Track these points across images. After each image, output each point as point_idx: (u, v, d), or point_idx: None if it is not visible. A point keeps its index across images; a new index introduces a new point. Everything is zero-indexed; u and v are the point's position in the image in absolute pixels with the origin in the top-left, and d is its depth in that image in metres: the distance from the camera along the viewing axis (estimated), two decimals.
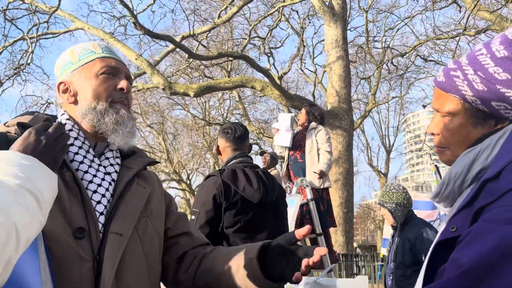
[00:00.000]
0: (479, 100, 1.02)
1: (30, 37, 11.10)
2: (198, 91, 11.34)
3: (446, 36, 14.50)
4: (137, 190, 1.25)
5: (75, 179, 1.12)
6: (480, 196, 0.93)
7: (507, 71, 0.98)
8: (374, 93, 18.79)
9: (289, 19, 19.38)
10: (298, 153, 4.87)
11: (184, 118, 24.38)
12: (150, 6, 13.72)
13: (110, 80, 1.25)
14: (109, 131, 1.22)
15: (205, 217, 2.28)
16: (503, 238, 0.81)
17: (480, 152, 1.01)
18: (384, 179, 25.71)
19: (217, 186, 2.33)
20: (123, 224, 1.15)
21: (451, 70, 1.08)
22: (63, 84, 1.27)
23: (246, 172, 2.44)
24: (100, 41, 1.34)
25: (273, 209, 2.48)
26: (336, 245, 10.39)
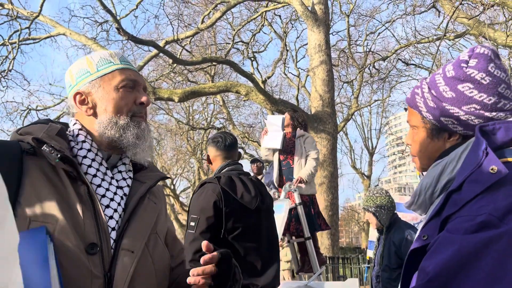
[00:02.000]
0: (431, 115, 1.14)
1: (11, 43, 10.96)
2: (182, 96, 11.33)
3: (427, 40, 14.78)
4: (148, 206, 1.24)
5: (89, 193, 1.10)
6: (447, 206, 1.01)
7: (453, 90, 1.10)
8: (356, 96, 19.00)
9: (272, 23, 19.50)
10: (290, 159, 4.89)
11: (167, 123, 24.24)
12: (133, 11, 13.67)
13: (130, 93, 1.23)
14: (130, 146, 1.21)
15: (206, 223, 2.30)
16: (461, 247, 0.89)
17: (447, 164, 1.11)
18: (367, 181, 25.95)
19: (216, 192, 2.35)
20: (134, 240, 1.14)
21: (415, 88, 1.21)
22: (80, 94, 1.23)
23: (243, 179, 2.49)
24: (117, 50, 1.32)
25: (267, 215, 2.55)
26: (322, 247, 10.46)
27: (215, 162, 2.64)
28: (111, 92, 1.21)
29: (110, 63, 1.25)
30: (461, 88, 1.09)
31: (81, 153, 1.17)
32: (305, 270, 4.42)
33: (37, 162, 1.07)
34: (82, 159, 1.16)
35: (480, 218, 0.90)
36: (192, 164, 26.64)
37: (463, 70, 1.10)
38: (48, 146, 1.06)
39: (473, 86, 1.08)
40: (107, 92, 1.21)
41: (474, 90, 1.07)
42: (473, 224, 0.90)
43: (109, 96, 1.21)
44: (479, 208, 0.92)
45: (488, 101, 1.06)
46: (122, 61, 1.27)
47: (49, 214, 1.01)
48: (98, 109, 1.22)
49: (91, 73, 1.23)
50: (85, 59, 1.26)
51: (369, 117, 27.95)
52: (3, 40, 11.29)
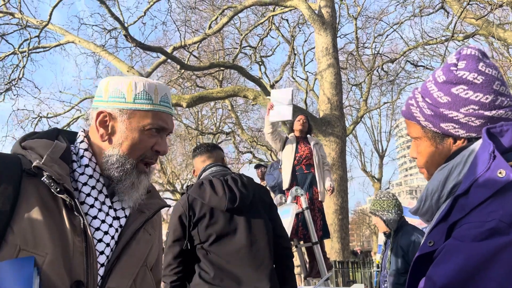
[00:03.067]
0: (430, 123, 1.11)
1: (21, 52, 11.10)
2: (190, 102, 11.37)
3: (435, 41, 14.69)
4: (142, 238, 1.20)
5: (84, 226, 1.06)
6: (453, 212, 0.98)
7: (447, 94, 1.08)
8: (365, 99, 18.91)
9: (279, 27, 19.52)
10: (303, 164, 4.88)
11: (176, 128, 24.33)
12: (141, 18, 13.77)
13: (152, 138, 1.17)
14: (123, 192, 1.16)
15: (173, 237, 2.30)
16: (470, 256, 0.86)
17: (453, 168, 1.07)
18: (378, 184, 25.77)
19: (182, 203, 2.33)
20: (122, 279, 1.11)
21: (409, 99, 1.19)
22: (105, 115, 1.16)
23: (213, 181, 2.39)
24: (163, 85, 1.23)
25: (250, 214, 2.37)
26: (332, 252, 10.40)
27: (198, 171, 2.62)
28: (135, 131, 1.15)
29: (149, 100, 1.17)
30: (455, 91, 1.07)
31: (82, 179, 1.13)
32: (313, 275, 4.39)
33: (36, 184, 1.03)
34: (82, 186, 1.12)
35: (490, 225, 0.86)
36: None
37: (454, 73, 1.08)
38: (48, 177, 1.01)
39: (467, 87, 1.06)
40: (132, 128, 1.15)
41: (469, 91, 1.05)
42: (482, 231, 0.87)
43: (131, 133, 1.15)
44: (487, 214, 0.88)
45: (485, 100, 1.04)
46: (162, 102, 1.19)
47: (40, 244, 0.97)
48: (114, 139, 1.16)
49: (126, 100, 1.16)
50: (128, 83, 1.17)
51: (379, 119, 27.83)
52: (14, 49, 11.45)
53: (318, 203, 4.74)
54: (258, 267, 2.27)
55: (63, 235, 1.01)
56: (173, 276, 2.27)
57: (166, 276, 2.29)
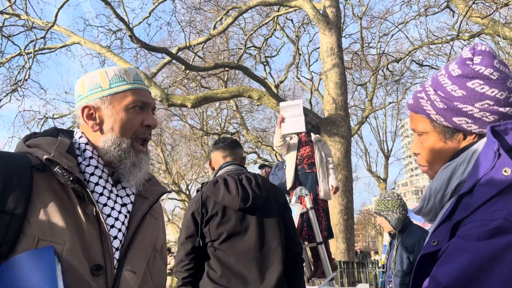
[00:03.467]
0: (442, 117, 1.09)
1: (27, 53, 11.16)
2: (195, 102, 11.39)
3: (440, 41, 14.62)
4: (150, 223, 1.25)
5: (96, 213, 1.11)
6: (457, 211, 0.97)
7: (462, 88, 1.06)
8: (370, 99, 18.85)
9: (284, 28, 19.51)
10: (305, 164, 4.85)
11: (182, 129, 24.41)
12: (146, 19, 13.82)
13: (139, 115, 1.23)
14: (126, 172, 1.21)
15: (185, 234, 2.31)
16: (475, 255, 0.85)
17: (457, 167, 1.06)
18: (383, 185, 25.70)
19: (196, 200, 2.34)
20: (137, 260, 1.16)
21: (418, 92, 1.17)
22: (89, 108, 1.22)
23: (227, 180, 2.38)
24: (131, 68, 1.30)
25: (262, 214, 2.34)
26: (338, 252, 10.37)
27: (216, 165, 2.59)
28: (120, 112, 1.21)
29: (123, 81, 1.24)
30: (471, 85, 1.05)
31: (88, 170, 1.17)
32: (317, 276, 4.38)
33: (46, 178, 1.07)
34: (90, 176, 1.16)
35: (495, 223, 0.85)
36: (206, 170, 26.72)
37: (470, 67, 1.06)
38: (61, 168, 1.06)
39: (483, 82, 1.04)
40: (117, 111, 1.21)
41: (485, 86, 1.04)
42: (487, 229, 0.86)
43: (117, 115, 1.21)
44: (493, 213, 0.87)
45: (500, 96, 1.03)
46: (135, 80, 1.26)
47: (57, 233, 1.02)
48: (104, 127, 1.21)
49: (103, 88, 1.22)
50: (99, 73, 1.24)
51: (384, 119, 27.76)
52: (20, 50, 11.52)
53: (323, 202, 4.69)
54: (267, 269, 2.24)
55: (78, 223, 1.06)
56: (185, 273, 2.28)
57: (178, 273, 2.31)
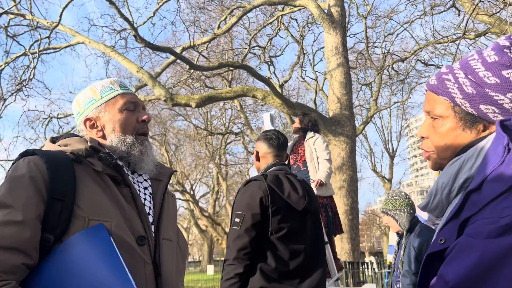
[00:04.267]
0: (468, 103, 1.04)
1: (32, 53, 11.19)
2: (199, 102, 11.37)
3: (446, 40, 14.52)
4: (170, 200, 1.46)
5: (132, 194, 1.29)
6: (465, 207, 0.93)
7: (497, 75, 1.00)
8: (375, 98, 18.78)
9: (288, 27, 19.47)
10: (300, 162, 4.84)
11: (186, 129, 24.45)
12: (150, 19, 13.82)
13: (132, 114, 1.41)
14: (136, 161, 1.38)
15: (252, 220, 2.22)
16: (484, 253, 0.81)
17: (464, 162, 1.02)
18: (388, 185, 25.61)
19: (262, 189, 2.27)
20: (169, 231, 1.37)
21: (443, 74, 1.10)
22: (89, 120, 1.40)
23: (290, 179, 2.40)
24: (115, 78, 1.49)
25: (313, 218, 2.42)
26: (343, 252, 10.33)
27: (264, 160, 2.54)
28: (116, 114, 1.38)
29: (111, 89, 1.42)
30: (507, 74, 0.99)
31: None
32: None
33: (84, 169, 1.25)
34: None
35: (505, 221, 0.81)
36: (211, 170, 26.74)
37: (508, 55, 1.00)
38: (104, 153, 1.27)
39: None
40: (113, 114, 1.38)
41: None
42: (496, 227, 0.82)
43: (115, 118, 1.38)
44: (502, 210, 0.83)
45: None
46: (121, 87, 1.45)
47: (104, 213, 1.19)
48: (107, 131, 1.39)
49: (96, 100, 1.41)
50: (89, 89, 1.44)
51: (389, 119, 27.74)
52: (25, 50, 11.54)
53: (321, 198, 4.60)
54: (317, 269, 2.31)
55: (119, 203, 1.24)
56: (247, 261, 2.20)
57: (240, 259, 2.20)
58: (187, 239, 31.84)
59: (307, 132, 4.98)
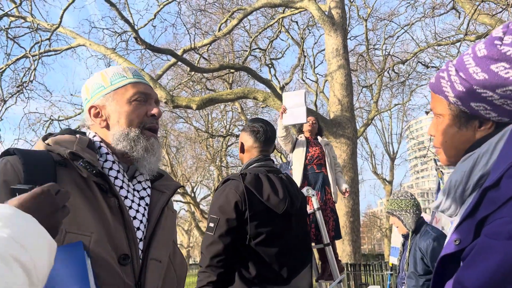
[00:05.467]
0: (459, 101, 1.01)
1: (33, 55, 11.17)
2: (200, 104, 11.36)
3: (447, 42, 14.52)
4: (169, 215, 1.30)
5: (119, 205, 1.15)
6: (482, 206, 0.87)
7: (485, 70, 0.96)
8: (376, 101, 18.76)
9: (289, 30, 19.47)
10: (314, 164, 4.82)
11: (187, 131, 24.40)
12: (151, 21, 13.82)
13: (142, 106, 1.27)
14: (139, 158, 1.24)
15: (226, 226, 2.05)
16: (507, 255, 0.76)
17: (479, 157, 0.98)
18: (389, 187, 25.56)
19: (239, 192, 2.09)
20: (161, 250, 1.19)
21: (440, 71, 1.08)
22: (95, 108, 1.28)
23: (271, 178, 2.20)
24: (130, 66, 1.36)
25: (297, 219, 2.25)
26: (344, 254, 10.29)
27: (248, 154, 2.34)
28: (124, 105, 1.25)
29: (123, 77, 1.29)
30: (495, 68, 0.94)
31: (107, 165, 1.21)
32: (325, 278, 4.31)
33: (69, 173, 1.11)
34: (108, 171, 1.20)
35: None
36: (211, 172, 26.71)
37: (497, 48, 0.95)
38: (84, 161, 1.10)
39: (509, 65, 0.93)
40: (120, 105, 1.26)
41: (510, 70, 0.92)
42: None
43: (121, 109, 1.25)
44: None
45: None
46: (135, 75, 1.31)
47: (84, 225, 1.04)
48: (111, 122, 1.26)
49: (105, 87, 1.28)
50: (100, 74, 1.31)
51: (390, 121, 27.71)
52: (25, 52, 11.54)
53: (331, 203, 4.69)
54: (303, 272, 2.19)
55: (103, 215, 1.10)
56: (221, 269, 2.04)
57: (213, 267, 2.05)
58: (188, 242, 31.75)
59: (316, 136, 5.00)
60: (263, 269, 2.06)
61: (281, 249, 2.11)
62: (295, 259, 2.18)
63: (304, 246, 2.31)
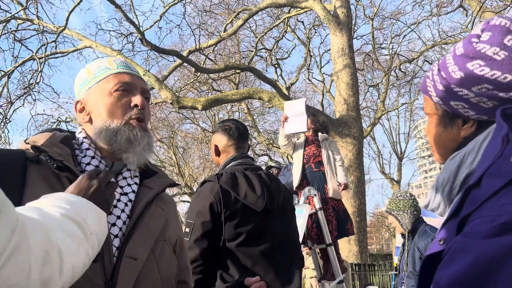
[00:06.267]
0: (441, 100, 1.01)
1: (39, 57, 11.26)
2: (206, 104, 11.38)
3: (453, 40, 14.42)
4: (156, 212, 1.22)
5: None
6: (465, 205, 0.87)
7: (462, 69, 0.95)
8: (383, 100, 18.68)
9: (295, 30, 19.46)
10: (312, 162, 4.82)
11: (194, 132, 24.47)
12: (157, 23, 13.87)
13: (124, 97, 1.21)
14: (122, 149, 1.19)
15: (201, 229, 1.96)
16: (479, 255, 0.75)
17: (465, 156, 0.97)
18: (397, 186, 25.42)
19: (214, 193, 2.01)
20: (139, 247, 1.11)
21: (428, 71, 1.08)
22: (80, 103, 1.25)
23: (248, 175, 2.12)
24: (117, 57, 1.29)
25: (279, 216, 2.15)
26: (350, 254, 10.26)
27: (225, 154, 2.27)
28: (104, 97, 1.20)
29: (106, 69, 1.25)
30: (471, 66, 0.93)
31: (85, 160, 1.16)
32: (327, 278, 4.30)
33: (40, 169, 1.06)
34: (86, 166, 1.15)
35: (503, 219, 0.74)
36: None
37: (473, 46, 0.94)
38: (46, 155, 1.06)
39: (484, 63, 0.92)
40: (101, 97, 1.20)
41: (485, 68, 0.91)
42: (494, 226, 0.75)
43: (102, 101, 1.20)
44: (501, 207, 0.76)
45: (503, 79, 0.90)
46: (119, 66, 1.26)
47: None
48: (93, 115, 1.21)
49: (89, 80, 1.24)
50: (86, 68, 1.28)
51: (397, 121, 27.55)
52: (32, 54, 11.64)
53: (333, 201, 4.65)
54: (284, 272, 2.07)
55: None
56: (198, 275, 1.95)
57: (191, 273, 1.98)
58: None
59: (317, 133, 4.97)
60: (245, 271, 1.96)
61: (265, 249, 2.02)
62: (282, 259, 2.08)
63: (291, 244, 2.18)
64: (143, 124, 1.23)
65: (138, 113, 1.21)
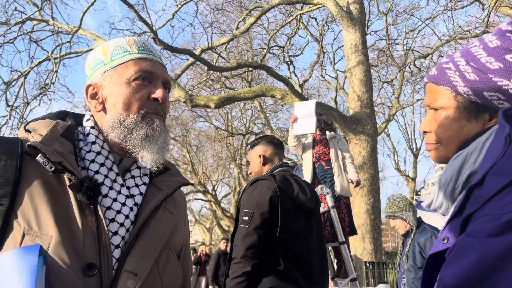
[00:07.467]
0: (471, 90, 0.99)
1: (55, 57, 11.42)
2: (218, 103, 11.40)
3: (469, 35, 14.20)
4: (163, 217, 1.09)
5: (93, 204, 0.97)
6: (468, 204, 0.86)
7: (500, 60, 0.96)
8: (397, 96, 18.49)
9: (307, 26, 19.36)
10: (323, 160, 4.81)
11: (207, 130, 24.56)
12: (170, 21, 13.95)
13: (144, 88, 1.07)
14: (136, 147, 1.06)
15: (260, 219, 2.19)
16: (484, 254, 0.74)
17: (468, 156, 0.97)
18: (412, 184, 25.17)
19: (272, 189, 2.26)
20: (140, 260, 0.99)
21: (444, 63, 1.06)
22: (92, 87, 1.11)
23: (297, 180, 2.42)
24: (137, 37, 1.15)
25: (318, 220, 2.46)
26: (365, 252, 10.19)
27: (270, 163, 2.56)
28: (122, 86, 1.06)
29: (125, 52, 1.10)
30: (510, 58, 0.95)
31: (89, 157, 1.04)
32: (341, 276, 4.28)
33: (38, 165, 0.95)
34: (89, 164, 1.03)
35: (506, 217, 0.74)
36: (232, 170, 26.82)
37: (511, 39, 0.96)
38: (43, 156, 0.93)
39: None
40: (118, 85, 1.06)
41: None
42: (497, 224, 0.75)
43: (119, 90, 1.06)
44: (505, 206, 0.76)
45: None
46: (140, 50, 1.11)
47: (43, 227, 0.90)
48: (107, 105, 1.08)
49: (105, 63, 1.10)
50: (101, 48, 1.13)
51: (412, 117, 27.18)
52: (47, 55, 11.80)
53: (344, 199, 4.65)
54: (322, 271, 2.35)
55: (70, 216, 0.94)
56: (254, 260, 2.16)
57: (247, 258, 2.15)
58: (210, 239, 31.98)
59: (324, 131, 4.96)
60: (290, 264, 2.19)
61: (306, 248, 2.27)
62: (316, 260, 2.32)
63: (322, 248, 2.45)
64: (162, 119, 1.11)
65: (158, 108, 1.09)
